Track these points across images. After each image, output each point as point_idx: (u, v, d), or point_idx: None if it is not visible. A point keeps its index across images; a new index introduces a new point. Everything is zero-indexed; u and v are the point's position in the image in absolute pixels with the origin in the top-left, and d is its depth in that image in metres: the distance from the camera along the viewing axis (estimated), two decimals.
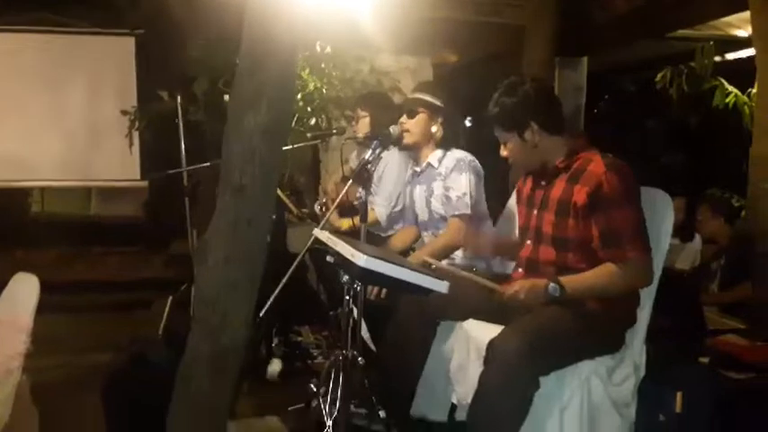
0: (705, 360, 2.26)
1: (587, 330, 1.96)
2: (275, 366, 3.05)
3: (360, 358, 2.06)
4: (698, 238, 4.01)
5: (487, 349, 1.88)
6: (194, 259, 1.91)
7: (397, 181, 3.12)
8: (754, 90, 4.76)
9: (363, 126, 2.61)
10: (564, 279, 1.96)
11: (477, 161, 2.72)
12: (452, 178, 2.65)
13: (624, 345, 2.05)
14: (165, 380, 1.94)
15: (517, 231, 2.34)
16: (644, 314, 2.06)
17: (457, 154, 2.71)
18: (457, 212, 2.61)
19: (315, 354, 3.34)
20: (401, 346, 2.32)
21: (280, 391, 2.95)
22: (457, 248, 2.66)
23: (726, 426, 2.06)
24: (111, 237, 5.87)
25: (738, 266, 3.45)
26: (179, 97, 4.05)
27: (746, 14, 4.17)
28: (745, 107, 4.95)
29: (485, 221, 2.77)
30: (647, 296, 2.06)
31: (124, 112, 4.84)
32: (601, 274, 1.96)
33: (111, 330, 3.75)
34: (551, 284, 1.95)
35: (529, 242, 2.19)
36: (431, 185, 2.74)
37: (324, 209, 3.37)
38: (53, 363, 3.17)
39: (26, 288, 2.09)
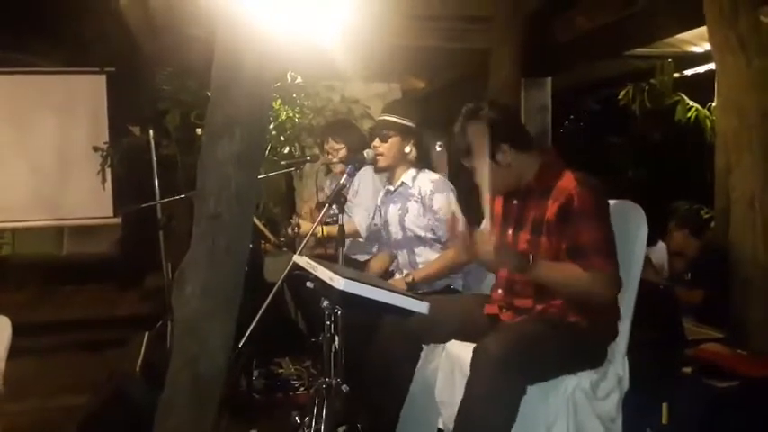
0: (687, 370, 2.27)
1: (571, 343, 1.96)
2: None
3: (344, 386, 2.04)
4: (661, 245, 4.08)
5: (473, 355, 1.88)
6: (172, 289, 1.88)
7: (374, 194, 3.11)
8: (714, 104, 4.92)
9: (344, 157, 2.63)
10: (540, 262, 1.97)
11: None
12: (437, 200, 2.65)
13: (606, 359, 2.05)
14: (145, 416, 1.90)
15: None
16: (624, 327, 2.07)
17: (430, 176, 2.73)
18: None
19: (296, 385, 3.29)
20: (385, 370, 2.28)
21: (261, 425, 2.89)
22: (456, 268, 2.64)
23: None
24: (84, 275, 5.76)
25: (702, 274, 3.50)
26: (151, 131, 4.03)
27: (701, 31, 4.31)
28: (707, 120, 5.08)
29: None
30: (627, 309, 2.06)
31: (96, 149, 4.79)
32: (570, 269, 1.94)
33: (87, 370, 3.67)
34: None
35: None
36: (405, 205, 2.74)
37: (296, 229, 3.33)
38: (27, 407, 3.08)
39: None
